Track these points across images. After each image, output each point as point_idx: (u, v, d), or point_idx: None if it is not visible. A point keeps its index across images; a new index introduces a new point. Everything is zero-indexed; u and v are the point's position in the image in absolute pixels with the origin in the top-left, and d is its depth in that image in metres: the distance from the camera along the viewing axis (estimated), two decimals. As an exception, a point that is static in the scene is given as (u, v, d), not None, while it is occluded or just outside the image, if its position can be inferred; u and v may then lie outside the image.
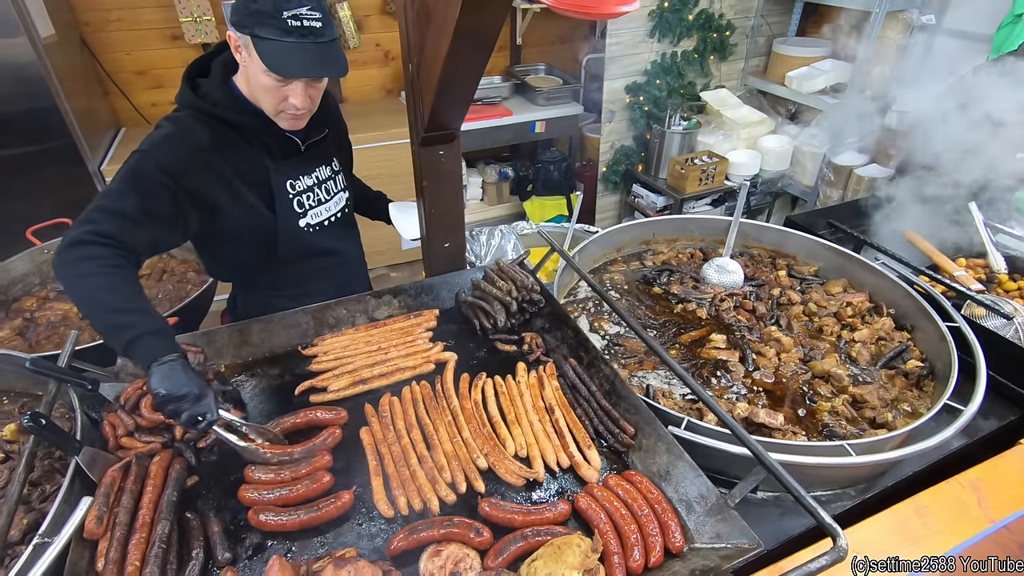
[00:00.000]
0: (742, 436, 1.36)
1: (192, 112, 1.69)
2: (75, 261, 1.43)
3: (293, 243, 1.93)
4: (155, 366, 1.38)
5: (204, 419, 1.39)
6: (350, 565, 1.10)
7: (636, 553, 1.27)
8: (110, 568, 1.20)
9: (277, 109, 1.67)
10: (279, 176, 1.85)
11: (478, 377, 1.78)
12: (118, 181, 1.55)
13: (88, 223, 1.47)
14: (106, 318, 1.42)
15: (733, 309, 2.31)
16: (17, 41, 3.23)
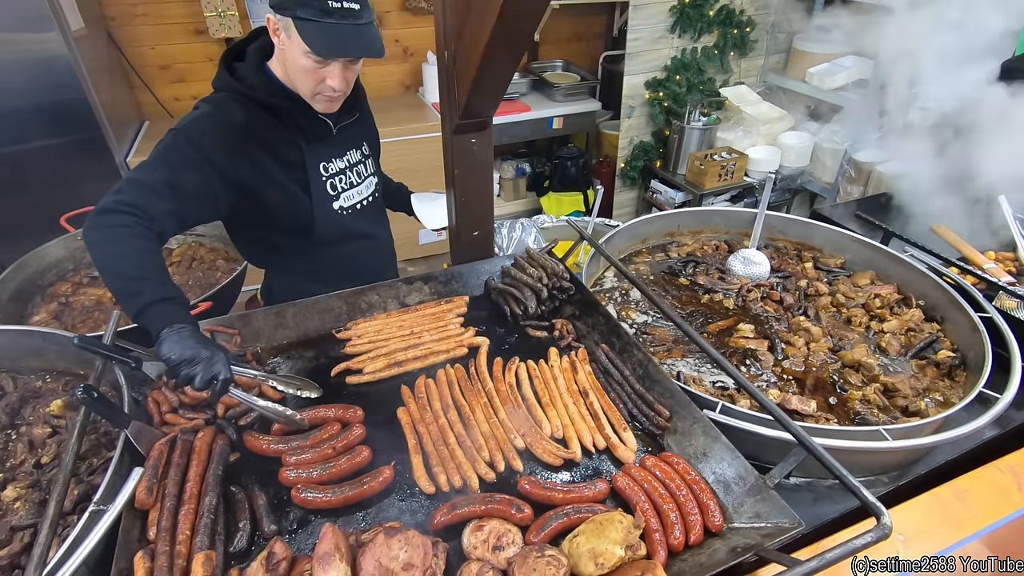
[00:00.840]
0: (782, 419, 1.37)
1: (229, 95, 1.73)
2: (100, 227, 1.46)
3: (327, 226, 1.96)
4: (164, 332, 1.36)
5: (218, 380, 1.35)
6: (400, 535, 1.12)
7: (676, 531, 1.28)
8: (163, 536, 1.23)
9: (314, 91, 1.70)
10: (312, 158, 1.88)
11: (511, 361, 1.80)
12: (152, 155, 1.61)
13: (117, 192, 1.51)
14: (119, 284, 1.43)
15: (760, 299, 2.31)
16: (50, 35, 3.29)
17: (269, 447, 1.49)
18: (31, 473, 1.47)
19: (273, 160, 1.79)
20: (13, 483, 1.43)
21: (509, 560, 1.21)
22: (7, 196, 3.51)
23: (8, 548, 1.27)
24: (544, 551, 1.20)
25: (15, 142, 3.41)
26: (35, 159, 3.50)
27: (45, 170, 3.52)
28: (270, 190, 1.79)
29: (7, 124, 3.35)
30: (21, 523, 1.32)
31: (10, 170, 3.45)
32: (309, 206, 1.90)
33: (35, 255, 2.52)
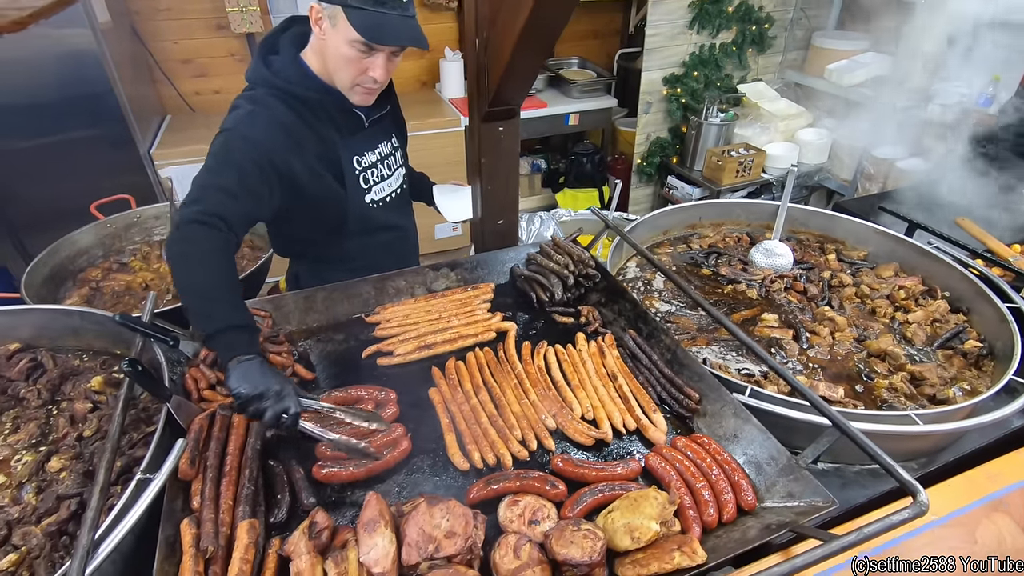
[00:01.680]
0: (815, 401, 1.38)
1: (267, 89, 1.74)
2: (182, 241, 1.47)
3: (359, 219, 1.98)
4: (232, 364, 1.37)
5: (288, 415, 1.34)
6: (442, 504, 1.14)
7: (710, 508, 1.30)
8: (207, 504, 1.26)
9: (354, 82, 1.71)
10: (347, 152, 1.89)
11: (540, 345, 1.82)
12: (212, 159, 1.60)
13: (196, 203, 1.51)
14: (197, 303, 1.44)
15: (784, 290, 2.32)
16: (81, 31, 3.35)
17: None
18: (73, 446, 1.50)
19: (313, 154, 1.79)
20: (57, 455, 1.47)
21: (545, 533, 1.22)
22: (38, 185, 3.58)
23: (56, 516, 1.30)
24: (580, 525, 1.22)
25: (46, 133, 3.48)
26: (64, 150, 3.57)
27: (73, 161, 3.58)
28: (311, 185, 1.80)
29: (38, 116, 3.42)
30: (67, 492, 1.35)
31: (41, 160, 3.52)
32: (344, 200, 1.91)
33: (66, 241, 2.57)
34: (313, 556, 1.08)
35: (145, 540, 1.26)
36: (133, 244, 2.81)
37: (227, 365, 1.38)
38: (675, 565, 1.14)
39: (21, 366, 1.70)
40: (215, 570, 1.14)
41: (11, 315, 1.82)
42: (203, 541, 1.16)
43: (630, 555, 1.20)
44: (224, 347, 1.40)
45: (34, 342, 1.84)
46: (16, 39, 3.23)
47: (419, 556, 1.06)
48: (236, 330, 1.43)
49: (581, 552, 1.15)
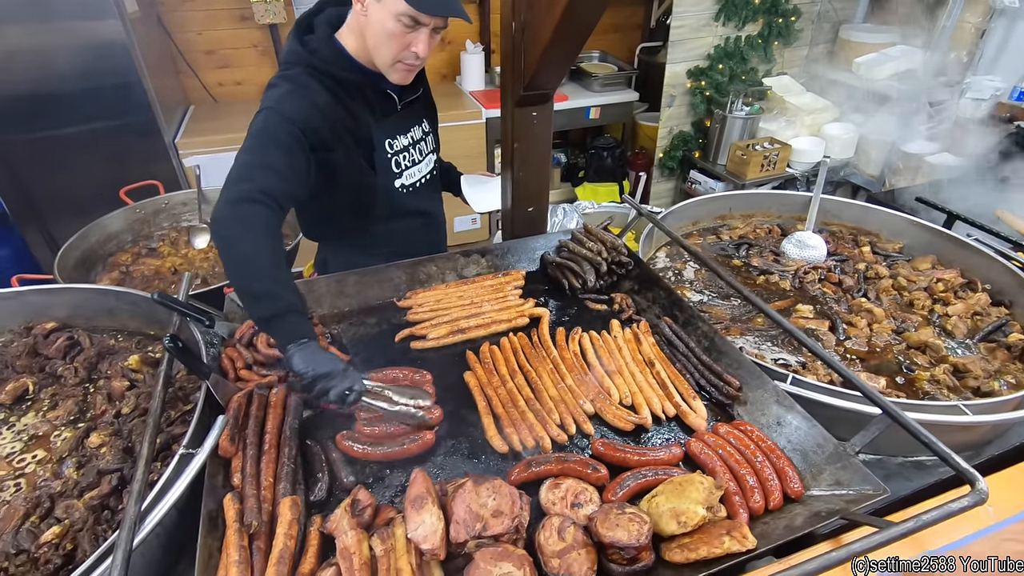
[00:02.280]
0: (865, 389, 1.35)
1: (303, 68, 1.72)
2: (234, 220, 1.43)
3: (389, 203, 1.96)
4: (294, 347, 1.37)
5: (352, 392, 1.36)
6: (488, 483, 1.12)
7: (756, 495, 1.27)
8: (249, 481, 1.25)
9: (395, 58, 1.69)
10: (380, 134, 1.87)
11: (574, 331, 1.80)
12: (254, 139, 1.57)
13: (245, 181, 1.47)
14: (251, 285, 1.41)
15: (818, 281, 2.28)
16: (111, 22, 3.38)
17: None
18: (112, 423, 1.51)
19: (347, 135, 1.78)
20: (96, 431, 1.47)
21: (589, 516, 1.21)
22: (68, 173, 3.62)
23: (98, 490, 1.30)
24: (624, 508, 1.20)
25: (75, 123, 3.52)
26: (92, 139, 3.60)
27: (102, 149, 3.62)
28: (344, 166, 1.79)
29: (68, 106, 3.45)
30: (108, 467, 1.35)
31: (69, 149, 3.56)
32: (374, 183, 1.90)
33: (97, 225, 2.59)
34: (359, 532, 1.07)
35: (186, 515, 1.27)
36: (161, 230, 2.83)
37: (287, 347, 1.37)
38: (725, 549, 1.12)
39: (59, 344, 1.71)
40: (259, 545, 1.14)
41: (48, 294, 1.83)
42: (247, 516, 1.16)
43: (676, 539, 1.18)
44: (286, 330, 1.39)
45: (70, 321, 1.85)
46: (49, 31, 3.28)
47: (467, 534, 1.04)
48: (297, 314, 1.41)
49: (628, 535, 1.13)
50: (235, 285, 1.45)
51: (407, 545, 1.02)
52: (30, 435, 1.51)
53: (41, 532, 1.22)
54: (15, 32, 3.21)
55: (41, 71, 3.36)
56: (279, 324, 1.39)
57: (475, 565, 1.02)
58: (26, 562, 1.18)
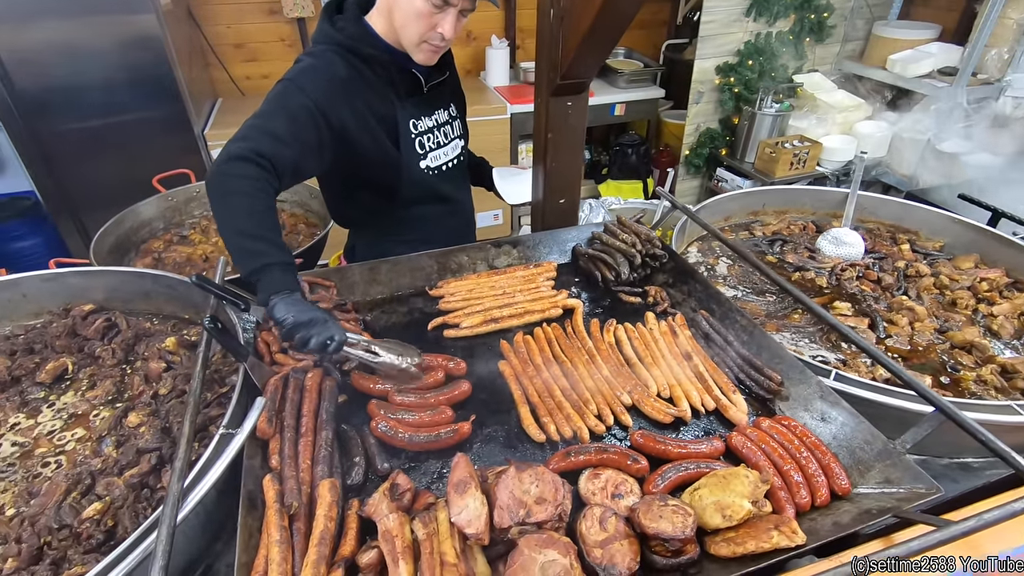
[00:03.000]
0: (919, 386, 1.30)
1: (330, 47, 1.74)
2: (229, 176, 1.46)
3: (414, 184, 1.96)
4: (276, 297, 1.40)
5: (333, 341, 1.38)
6: (531, 470, 1.10)
7: (802, 491, 1.24)
8: (288, 462, 1.25)
9: (421, 39, 1.68)
10: (404, 114, 1.88)
11: (609, 322, 1.77)
12: (266, 105, 1.61)
13: (245, 140, 1.51)
14: (241, 241, 1.44)
15: (856, 279, 2.22)
16: (146, 16, 3.42)
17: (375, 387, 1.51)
18: (149, 403, 1.52)
19: (369, 112, 1.79)
20: (134, 411, 1.48)
21: (631, 508, 1.18)
22: (100, 163, 3.68)
23: (138, 468, 1.31)
24: (667, 500, 1.17)
25: (109, 114, 3.58)
26: (125, 130, 3.66)
27: (133, 140, 3.67)
28: (366, 142, 1.80)
29: (102, 98, 3.51)
30: (147, 446, 1.36)
31: (103, 140, 3.62)
32: (398, 163, 1.90)
33: (131, 212, 2.62)
34: (401, 515, 1.06)
35: (224, 495, 1.27)
36: (192, 218, 2.86)
37: (269, 298, 1.40)
38: (773, 544, 1.09)
39: (97, 325, 1.72)
40: (299, 526, 1.13)
41: (86, 276, 1.85)
42: (287, 497, 1.15)
43: (721, 533, 1.15)
44: (268, 283, 1.42)
45: (107, 304, 1.87)
46: (85, 24, 3.33)
47: (511, 520, 1.02)
48: (282, 267, 1.44)
49: (672, 527, 1.10)
50: (223, 238, 1.48)
51: (450, 529, 1.01)
52: (69, 414, 1.52)
53: (83, 508, 1.22)
54: (51, 26, 3.26)
55: (76, 64, 3.42)
56: (262, 277, 1.42)
57: (519, 551, 1.00)
58: (68, 537, 1.19)
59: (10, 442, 1.44)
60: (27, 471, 1.36)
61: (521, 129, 4.83)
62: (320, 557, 1.03)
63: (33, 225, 4.26)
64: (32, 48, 3.29)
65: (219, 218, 1.47)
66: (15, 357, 1.66)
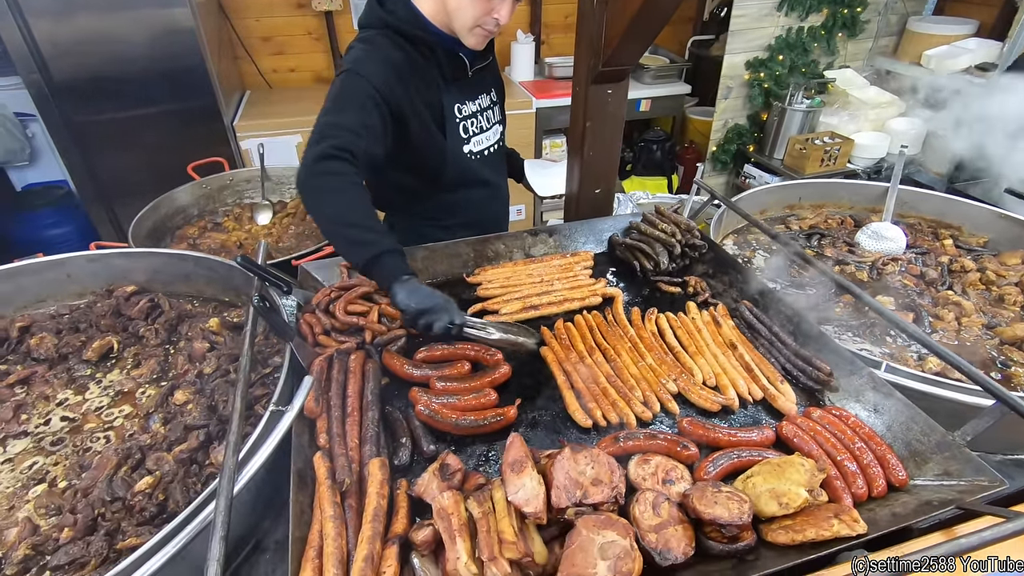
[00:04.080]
0: (982, 378, 1.27)
1: (379, 31, 1.73)
2: (320, 175, 1.48)
3: (457, 169, 1.95)
4: (397, 284, 1.45)
5: (455, 325, 1.43)
6: (586, 451, 1.09)
7: (859, 481, 1.21)
8: (336, 441, 1.25)
9: (475, 23, 1.67)
10: (449, 98, 1.87)
11: (650, 311, 1.75)
12: (334, 101, 1.61)
13: (326, 138, 1.52)
14: (351, 233, 1.48)
15: (898, 273, 2.18)
16: (181, 10, 3.46)
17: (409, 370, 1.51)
18: (194, 382, 1.53)
19: (418, 96, 1.78)
20: (180, 389, 1.49)
21: (682, 494, 1.16)
22: (132, 153, 3.73)
23: (187, 444, 1.31)
24: (720, 487, 1.15)
25: (142, 105, 3.63)
26: (157, 121, 3.71)
27: (165, 131, 3.72)
28: (415, 126, 1.80)
29: (136, 89, 3.56)
30: (195, 423, 1.37)
31: (136, 130, 3.67)
32: (443, 148, 1.90)
33: (167, 198, 2.65)
34: (456, 494, 1.05)
35: (272, 472, 1.26)
36: (225, 206, 2.88)
37: (391, 286, 1.45)
38: (834, 533, 1.06)
39: (141, 305, 1.74)
40: (350, 503, 1.13)
41: (129, 257, 1.87)
42: (339, 474, 1.15)
43: (778, 521, 1.13)
44: (386, 270, 1.47)
45: (148, 286, 1.89)
46: (120, 16, 3.38)
47: (568, 500, 1.01)
48: (394, 254, 1.48)
49: (728, 513, 1.09)
50: (330, 236, 1.52)
51: (507, 508, 1.00)
52: (116, 391, 1.54)
53: (134, 482, 1.23)
54: (89, 18, 3.31)
55: (112, 55, 3.47)
56: (378, 266, 1.46)
57: (577, 532, 0.99)
58: (121, 509, 1.20)
59: (59, 417, 1.46)
60: (77, 446, 1.38)
61: (546, 124, 4.81)
62: (375, 533, 1.03)
63: (66, 213, 4.34)
64: (70, 40, 3.34)
65: (322, 215, 1.51)
66: (61, 335, 1.68)
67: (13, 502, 1.24)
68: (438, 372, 1.49)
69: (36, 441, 1.39)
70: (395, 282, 1.45)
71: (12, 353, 1.66)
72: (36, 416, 1.46)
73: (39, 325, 1.72)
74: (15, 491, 1.27)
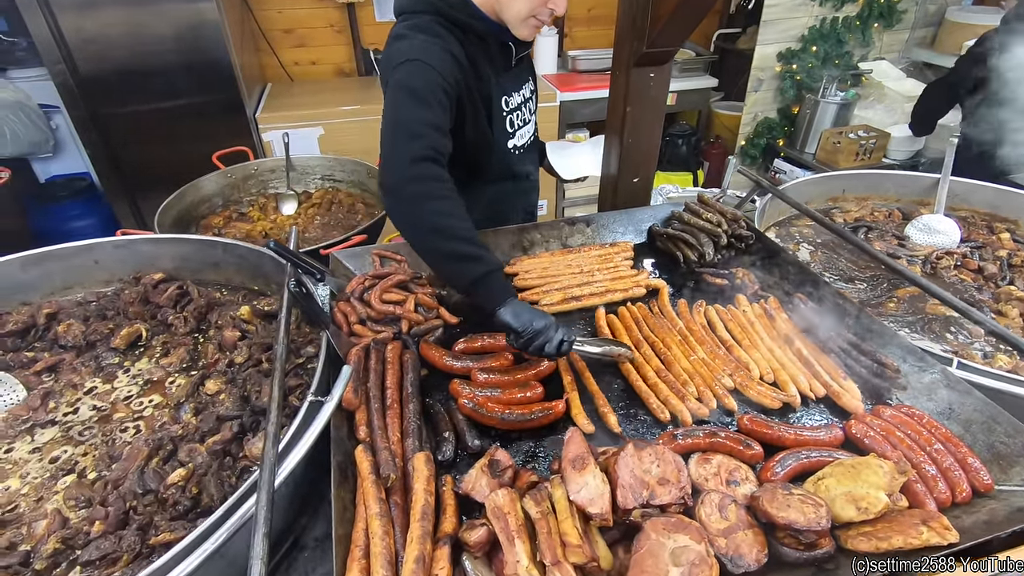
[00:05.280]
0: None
1: (432, 17, 1.61)
2: (425, 180, 1.37)
3: (502, 164, 1.87)
4: (502, 307, 1.36)
5: (566, 342, 1.36)
6: (650, 448, 1.01)
7: (940, 485, 1.12)
8: (378, 434, 1.18)
9: (530, 13, 1.57)
10: (498, 90, 1.77)
11: (698, 303, 1.67)
12: (410, 94, 1.46)
13: (417, 136, 1.40)
14: (459, 248, 1.37)
15: (954, 267, 2.07)
16: (207, 4, 3.43)
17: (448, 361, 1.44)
18: (225, 372, 1.47)
19: (475, 88, 1.69)
20: (211, 379, 1.44)
21: (751, 496, 1.08)
22: (155, 145, 3.72)
23: (220, 435, 1.25)
24: (791, 489, 1.07)
25: (165, 98, 3.60)
26: (180, 113, 3.68)
27: (188, 123, 3.69)
28: (471, 121, 1.71)
29: (162, 81, 3.53)
30: (228, 414, 1.31)
31: (159, 122, 3.66)
32: (491, 143, 1.80)
33: (192, 187, 2.60)
34: (511, 492, 0.97)
35: (309, 466, 1.20)
36: (250, 195, 2.83)
37: (498, 307, 1.37)
38: (923, 542, 0.97)
39: (170, 293, 1.69)
40: (395, 500, 1.06)
41: (157, 244, 1.82)
42: (383, 469, 1.08)
43: (856, 527, 1.04)
44: (494, 290, 1.38)
45: (176, 274, 1.83)
46: (146, 9, 3.35)
47: (635, 501, 0.93)
48: (499, 272, 1.41)
49: (804, 517, 1.00)
50: (431, 248, 1.40)
51: (569, 508, 0.92)
52: (145, 380, 1.49)
53: (166, 474, 1.18)
54: (113, 11, 3.29)
55: (136, 48, 3.44)
56: (486, 285, 1.37)
57: (645, 535, 0.91)
58: (153, 502, 1.14)
59: (88, 406, 1.41)
60: (107, 435, 1.33)
61: (569, 117, 4.73)
62: (424, 533, 0.96)
63: (88, 205, 4.33)
64: (96, 33, 3.32)
65: (423, 225, 1.37)
66: (89, 322, 1.63)
67: (41, 493, 1.19)
68: (480, 364, 1.42)
69: (65, 430, 1.34)
70: (503, 304, 1.36)
71: (39, 340, 1.61)
72: (64, 404, 1.41)
73: (66, 312, 1.67)
74: (43, 481, 1.22)
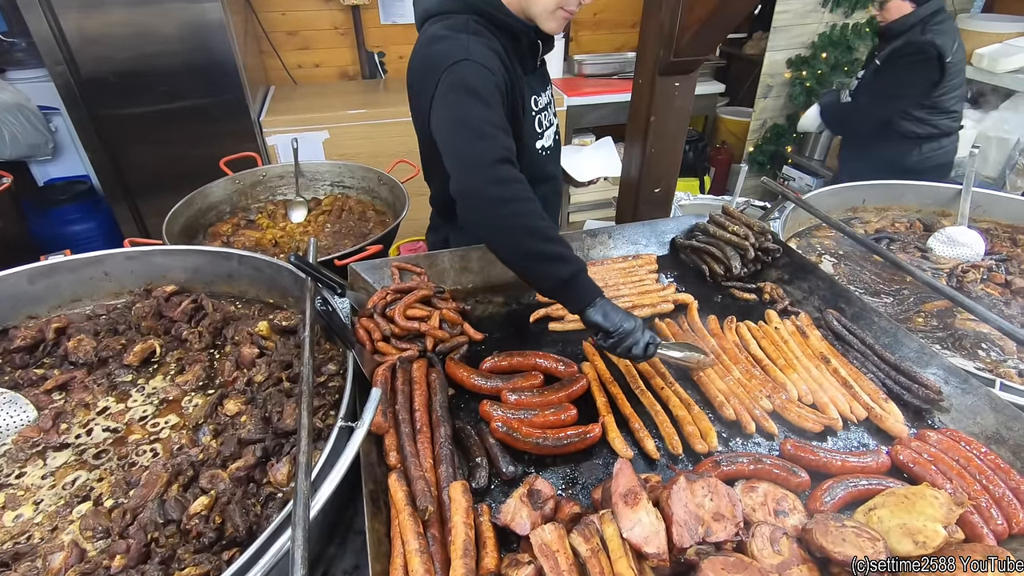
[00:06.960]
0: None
1: (470, 16, 1.56)
2: (508, 182, 1.33)
3: (530, 167, 1.80)
4: (591, 307, 1.35)
5: (653, 344, 1.34)
6: (702, 480, 0.97)
7: (997, 515, 1.08)
8: (412, 461, 1.13)
9: (558, 5, 1.52)
10: (529, 90, 1.72)
11: (729, 319, 1.63)
12: (469, 95, 1.41)
13: (489, 139, 1.35)
14: (548, 249, 1.33)
15: (980, 281, 2.04)
16: (212, 5, 3.38)
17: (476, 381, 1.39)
18: (244, 391, 1.41)
19: (514, 90, 1.63)
20: (230, 399, 1.38)
21: (799, 528, 1.04)
22: (157, 149, 3.65)
23: (243, 460, 1.20)
24: (844, 522, 1.03)
25: (169, 100, 3.53)
26: (184, 116, 3.62)
27: (192, 126, 3.63)
28: (513, 119, 1.63)
29: (165, 83, 3.46)
30: (249, 437, 1.26)
31: (162, 125, 3.59)
32: (524, 142, 1.74)
33: (199, 193, 2.54)
34: (559, 527, 0.93)
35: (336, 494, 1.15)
36: (258, 202, 2.78)
37: (587, 306, 1.35)
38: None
39: (184, 307, 1.63)
40: (433, 533, 1.01)
41: (169, 255, 1.77)
42: (420, 500, 1.04)
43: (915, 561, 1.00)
44: (584, 290, 1.36)
45: (188, 286, 1.78)
46: (150, 11, 3.29)
47: (691, 539, 0.89)
48: (585, 272, 1.38)
49: (860, 552, 0.96)
50: (519, 250, 1.36)
51: (623, 546, 0.88)
52: (160, 399, 1.43)
53: (187, 502, 1.12)
54: (116, 11, 3.22)
55: (139, 49, 3.38)
56: (575, 286, 1.35)
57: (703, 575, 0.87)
58: (175, 533, 1.09)
59: (101, 427, 1.35)
60: (122, 459, 1.27)
61: (576, 122, 4.69)
62: (468, 571, 0.91)
63: (88, 209, 4.26)
64: (98, 33, 3.26)
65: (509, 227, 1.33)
66: (100, 337, 1.58)
67: (56, 522, 1.14)
68: (509, 384, 1.38)
69: (78, 453, 1.29)
70: (591, 303, 1.34)
71: (48, 356, 1.55)
72: (77, 425, 1.35)
73: (76, 326, 1.61)
74: (58, 509, 1.16)
